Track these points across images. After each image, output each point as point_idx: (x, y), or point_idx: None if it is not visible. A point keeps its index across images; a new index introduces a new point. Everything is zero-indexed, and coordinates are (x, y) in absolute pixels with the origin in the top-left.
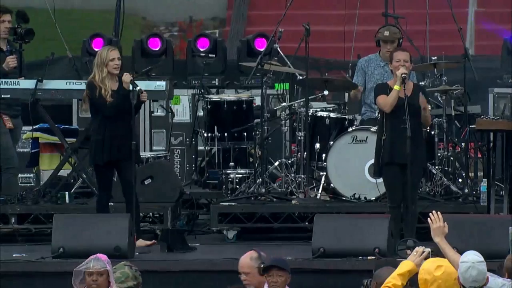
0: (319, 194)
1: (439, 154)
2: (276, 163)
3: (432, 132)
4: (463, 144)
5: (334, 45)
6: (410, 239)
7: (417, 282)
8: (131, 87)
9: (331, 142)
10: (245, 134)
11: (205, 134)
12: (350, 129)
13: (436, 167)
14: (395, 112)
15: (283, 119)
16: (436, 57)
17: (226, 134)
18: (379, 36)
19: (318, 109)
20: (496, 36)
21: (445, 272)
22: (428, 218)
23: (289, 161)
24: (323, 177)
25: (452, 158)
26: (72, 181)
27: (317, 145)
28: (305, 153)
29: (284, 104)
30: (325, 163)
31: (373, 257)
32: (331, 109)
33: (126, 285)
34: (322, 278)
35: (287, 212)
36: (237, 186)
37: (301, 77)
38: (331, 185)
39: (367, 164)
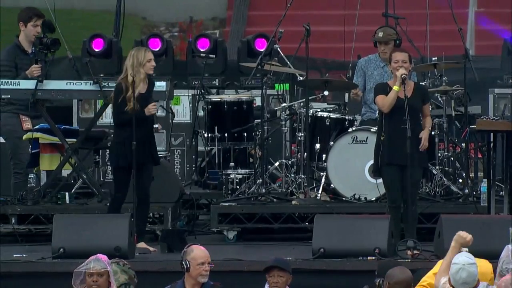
0: (319, 195)
1: (439, 155)
2: (276, 164)
3: (433, 133)
4: (463, 144)
5: (334, 45)
6: (410, 240)
7: None
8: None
9: (331, 143)
10: (245, 134)
11: (205, 135)
12: (350, 130)
13: (437, 167)
14: (394, 112)
15: (283, 120)
16: (436, 58)
17: (226, 135)
18: (374, 37)
19: (318, 110)
20: (496, 36)
21: (479, 272)
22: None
23: (289, 162)
24: (323, 177)
25: (452, 159)
26: (72, 181)
27: (317, 146)
28: (305, 154)
29: (284, 104)
30: (325, 164)
31: (373, 258)
32: (331, 109)
33: (119, 282)
34: (323, 279)
35: (287, 213)
36: (237, 187)
37: (301, 78)
38: (331, 185)
39: (367, 165)
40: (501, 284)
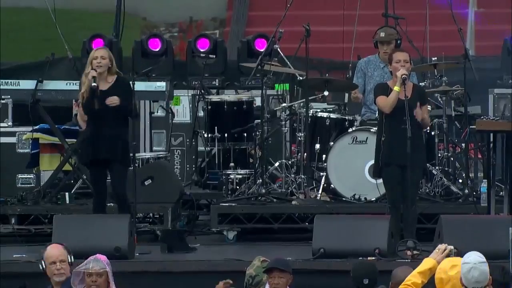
0: (319, 195)
1: (439, 155)
2: (276, 164)
3: (432, 133)
4: (463, 144)
5: (334, 45)
6: (410, 240)
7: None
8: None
9: (331, 143)
10: (245, 134)
11: (205, 135)
12: (350, 130)
13: (436, 167)
14: (394, 112)
15: (283, 120)
16: (436, 58)
17: (226, 135)
18: (376, 37)
19: (318, 110)
20: (496, 36)
21: (460, 271)
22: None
23: (289, 162)
24: (323, 177)
25: (452, 159)
26: (72, 181)
27: (317, 146)
28: (305, 154)
29: (284, 104)
30: (325, 164)
31: (373, 258)
32: (331, 109)
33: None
34: (323, 279)
35: (287, 213)
36: (237, 187)
37: (301, 78)
38: (331, 185)
39: (367, 165)
40: None
